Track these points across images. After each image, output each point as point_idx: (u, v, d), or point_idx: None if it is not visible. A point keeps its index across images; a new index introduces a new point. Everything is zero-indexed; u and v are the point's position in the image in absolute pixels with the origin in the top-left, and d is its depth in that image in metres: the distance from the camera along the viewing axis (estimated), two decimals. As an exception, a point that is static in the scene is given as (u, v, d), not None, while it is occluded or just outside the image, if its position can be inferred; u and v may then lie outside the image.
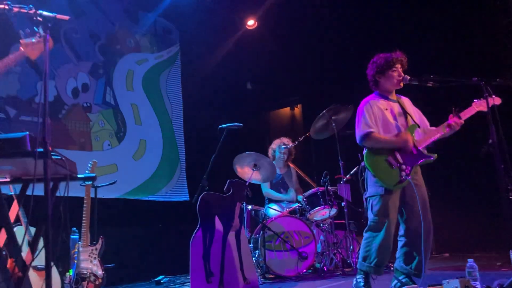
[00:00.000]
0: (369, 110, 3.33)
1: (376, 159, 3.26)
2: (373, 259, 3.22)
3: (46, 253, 2.09)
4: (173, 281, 5.13)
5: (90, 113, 5.85)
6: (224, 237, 4.34)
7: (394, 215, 3.23)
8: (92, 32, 6.10)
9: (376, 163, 3.26)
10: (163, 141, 6.66)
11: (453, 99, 4.91)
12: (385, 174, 3.21)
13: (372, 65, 3.46)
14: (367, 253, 3.26)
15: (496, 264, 4.35)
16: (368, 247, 3.26)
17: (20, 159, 2.08)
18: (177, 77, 7.14)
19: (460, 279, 2.62)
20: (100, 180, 4.51)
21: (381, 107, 3.36)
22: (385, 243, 3.21)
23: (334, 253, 5.08)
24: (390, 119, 3.34)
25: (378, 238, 3.22)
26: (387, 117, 3.34)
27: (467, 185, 5.81)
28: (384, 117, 3.33)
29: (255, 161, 5.01)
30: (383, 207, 3.21)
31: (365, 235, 3.32)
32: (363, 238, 3.33)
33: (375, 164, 3.26)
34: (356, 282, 3.29)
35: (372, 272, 3.25)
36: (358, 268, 3.33)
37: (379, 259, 3.21)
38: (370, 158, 3.30)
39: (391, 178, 3.20)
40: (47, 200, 2.05)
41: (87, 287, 3.87)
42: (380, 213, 3.22)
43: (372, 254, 3.23)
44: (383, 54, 3.42)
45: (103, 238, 4.12)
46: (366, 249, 3.27)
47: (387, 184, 3.20)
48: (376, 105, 3.36)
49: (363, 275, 3.27)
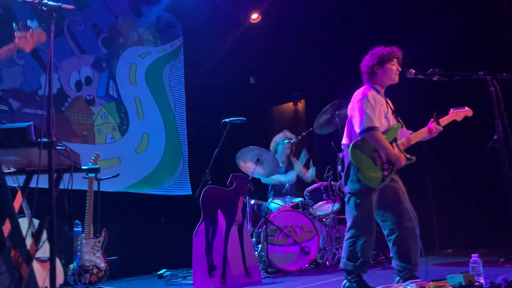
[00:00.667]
0: (372, 102, 3.25)
1: (361, 153, 3.20)
2: (358, 258, 3.18)
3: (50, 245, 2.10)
4: (175, 275, 5.13)
5: (93, 106, 5.85)
6: (227, 231, 4.34)
7: (374, 214, 3.22)
8: (96, 25, 6.08)
9: (360, 158, 3.19)
10: (165, 135, 6.65)
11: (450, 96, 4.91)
12: (369, 170, 3.17)
13: (371, 56, 3.39)
14: (351, 253, 3.21)
15: (499, 260, 4.33)
16: (352, 246, 3.21)
17: (25, 149, 2.08)
18: (180, 70, 7.12)
19: (464, 274, 2.61)
20: (103, 173, 4.51)
21: (379, 102, 3.31)
22: (370, 241, 3.20)
23: (337, 248, 5.08)
24: (383, 115, 3.31)
25: (363, 237, 3.18)
26: (381, 113, 3.31)
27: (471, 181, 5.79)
28: (380, 112, 3.29)
29: (258, 155, 5.01)
30: (367, 205, 3.19)
31: (347, 234, 3.26)
32: (346, 237, 3.27)
33: (360, 159, 3.19)
34: (350, 283, 3.21)
35: (358, 271, 3.21)
36: (343, 268, 3.26)
37: (364, 258, 3.19)
38: (355, 152, 3.21)
39: (374, 177, 3.16)
40: (51, 190, 2.05)
41: (89, 280, 3.88)
42: (364, 212, 3.19)
43: (357, 253, 3.18)
44: (382, 47, 3.39)
45: (106, 230, 4.13)
46: (350, 249, 3.21)
47: (372, 182, 3.16)
48: (377, 97, 3.31)
49: (354, 275, 3.21)
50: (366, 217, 3.19)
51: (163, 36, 6.97)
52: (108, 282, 4.12)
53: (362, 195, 3.20)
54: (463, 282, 2.58)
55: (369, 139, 3.21)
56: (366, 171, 3.16)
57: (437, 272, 3.22)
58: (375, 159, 3.19)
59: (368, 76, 3.40)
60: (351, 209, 3.26)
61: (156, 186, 6.32)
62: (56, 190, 2.25)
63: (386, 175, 3.17)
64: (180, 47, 7.18)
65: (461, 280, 2.59)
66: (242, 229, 4.45)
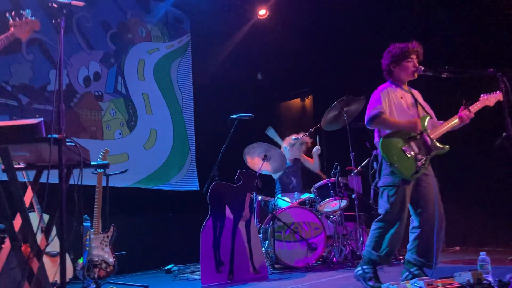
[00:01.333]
0: (385, 95, 3.30)
1: (392, 147, 3.23)
2: (383, 249, 3.20)
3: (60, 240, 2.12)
4: (182, 270, 5.16)
5: (102, 102, 5.88)
6: (234, 226, 4.36)
7: (407, 206, 3.22)
8: (104, 21, 6.10)
9: (392, 151, 3.22)
10: (173, 131, 6.67)
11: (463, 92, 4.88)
12: (401, 163, 3.18)
13: (387, 54, 3.43)
14: (377, 243, 3.24)
15: (507, 259, 4.31)
16: (379, 237, 3.23)
17: (35, 145, 2.10)
18: (188, 66, 7.13)
19: (472, 272, 2.60)
20: (112, 169, 4.53)
21: (398, 95, 3.35)
22: (399, 233, 3.21)
23: (344, 244, 5.08)
24: (405, 108, 3.34)
25: (392, 229, 3.20)
26: (403, 105, 3.33)
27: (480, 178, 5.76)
28: (401, 105, 3.32)
29: (266, 151, 5.01)
30: (399, 198, 3.19)
31: (377, 224, 3.28)
32: (373, 228, 3.30)
33: (391, 153, 3.22)
34: (363, 272, 3.24)
35: (381, 262, 3.23)
36: (366, 257, 3.28)
37: (390, 249, 3.20)
38: (385, 146, 3.25)
39: (407, 168, 3.18)
40: (61, 185, 2.06)
41: (98, 274, 3.91)
42: (396, 204, 3.20)
43: (383, 244, 3.21)
44: (399, 43, 3.39)
45: (114, 226, 4.15)
46: (377, 239, 3.24)
47: (404, 174, 3.17)
48: (393, 92, 3.35)
49: (371, 266, 3.23)
50: (399, 210, 3.20)
51: (171, 32, 6.98)
52: (116, 277, 4.15)
53: (395, 188, 3.21)
54: (471, 280, 2.57)
55: (376, 125, 3.27)
56: (398, 163, 3.18)
57: (445, 270, 3.22)
58: (406, 151, 3.21)
59: (387, 73, 3.47)
60: (384, 202, 3.27)
61: (164, 182, 6.34)
62: (66, 185, 2.27)
63: (419, 166, 3.19)
64: (188, 43, 7.18)
65: (469, 278, 2.58)
66: (249, 225, 4.47)
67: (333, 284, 3.78)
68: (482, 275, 2.63)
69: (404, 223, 3.22)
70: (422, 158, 3.21)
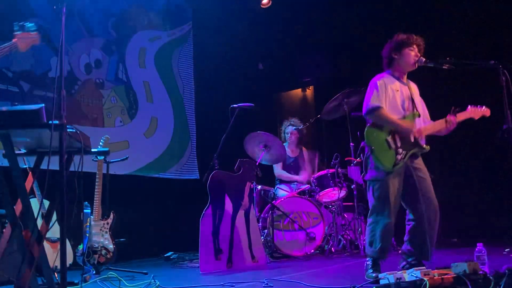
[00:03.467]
0: (382, 86, 3.29)
1: (377, 136, 3.25)
2: (377, 244, 3.24)
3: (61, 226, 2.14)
4: (182, 258, 5.20)
5: (103, 89, 5.87)
6: (234, 215, 4.38)
7: (395, 199, 3.22)
8: (106, 8, 6.07)
9: (377, 140, 3.24)
10: (174, 119, 6.67)
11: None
12: (383, 153, 3.21)
13: (390, 42, 3.42)
14: (372, 238, 3.27)
15: (504, 250, 4.34)
16: (373, 232, 3.27)
17: (36, 130, 2.11)
18: (189, 55, 7.11)
19: (469, 262, 2.62)
20: (112, 156, 4.55)
21: (393, 88, 3.33)
22: (388, 228, 3.22)
23: (342, 234, 5.11)
24: (398, 102, 3.32)
25: (380, 223, 3.23)
26: (396, 99, 3.32)
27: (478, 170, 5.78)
28: (394, 99, 3.31)
29: (266, 141, 5.02)
30: (384, 191, 3.21)
31: (369, 220, 3.32)
32: (368, 223, 3.34)
33: (376, 142, 3.24)
34: (366, 265, 3.31)
35: (377, 257, 3.27)
36: (367, 254, 3.34)
37: (382, 244, 3.23)
38: (371, 135, 3.28)
39: (388, 159, 3.20)
40: (62, 172, 2.08)
41: (98, 260, 3.95)
42: (381, 198, 3.22)
43: (376, 239, 3.24)
44: (401, 33, 3.39)
45: (114, 213, 4.18)
46: (371, 234, 3.28)
47: (385, 165, 3.19)
48: (389, 84, 3.33)
49: (371, 261, 3.28)
50: (383, 203, 3.21)
51: (173, 20, 6.94)
52: (116, 263, 4.19)
53: (379, 181, 3.23)
54: (467, 271, 2.58)
55: (374, 118, 3.27)
56: (379, 153, 3.21)
57: (442, 260, 3.24)
58: (389, 143, 3.22)
59: (387, 61, 3.43)
60: (370, 196, 3.30)
61: (164, 170, 6.36)
62: (67, 172, 2.29)
63: (399, 159, 3.20)
64: (189, 31, 7.16)
65: (465, 269, 2.59)
66: (248, 214, 4.50)
67: (331, 274, 3.81)
68: (478, 266, 2.65)
69: (392, 217, 3.22)
70: (402, 152, 3.22)
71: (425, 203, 3.22)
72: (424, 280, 2.48)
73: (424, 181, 3.28)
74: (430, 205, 3.22)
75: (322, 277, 3.60)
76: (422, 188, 3.25)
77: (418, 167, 3.30)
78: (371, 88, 3.32)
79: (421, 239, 3.22)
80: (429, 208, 3.21)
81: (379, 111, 3.24)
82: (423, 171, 3.31)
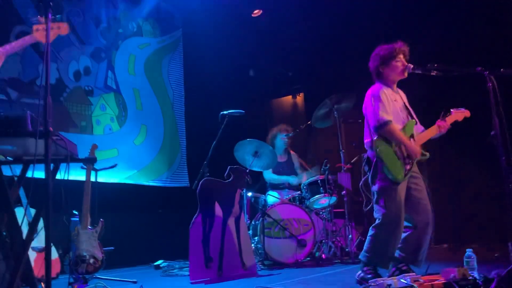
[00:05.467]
0: (384, 98, 3.27)
1: (386, 148, 3.22)
2: (385, 253, 3.20)
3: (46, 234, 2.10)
4: (172, 266, 5.15)
5: (92, 96, 5.84)
6: (224, 223, 4.35)
7: (403, 208, 3.21)
8: (95, 15, 6.06)
9: (386, 151, 3.21)
10: (164, 127, 6.65)
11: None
12: (394, 164, 3.19)
13: (375, 56, 3.41)
14: (376, 247, 3.21)
15: (494, 255, 4.36)
16: (378, 242, 3.21)
17: (21, 138, 2.08)
18: (179, 62, 7.10)
19: (458, 268, 2.63)
20: (101, 164, 4.52)
21: (392, 98, 3.34)
22: (397, 236, 3.20)
23: (333, 241, 5.10)
24: (399, 112, 3.35)
25: (391, 232, 3.18)
26: (397, 109, 3.34)
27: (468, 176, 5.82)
28: (395, 109, 3.33)
29: (256, 148, 5.01)
30: (395, 201, 3.18)
31: (375, 229, 3.25)
32: (372, 232, 3.26)
33: (386, 153, 3.21)
34: (364, 275, 3.20)
35: (381, 266, 3.23)
36: (364, 261, 3.25)
37: (391, 253, 3.21)
38: (382, 145, 3.23)
39: (399, 170, 3.19)
40: (47, 180, 2.05)
41: (86, 269, 3.89)
42: (392, 208, 3.18)
43: (383, 248, 3.19)
44: (385, 45, 3.39)
45: (103, 221, 4.13)
46: (376, 244, 3.22)
47: (397, 177, 3.17)
48: (389, 95, 3.33)
49: (371, 268, 3.22)
50: (395, 213, 3.18)
51: (163, 27, 6.94)
52: (104, 272, 4.14)
53: (391, 191, 3.20)
54: (456, 276, 2.59)
55: (385, 134, 3.24)
56: (391, 165, 3.19)
57: (432, 266, 3.25)
58: (397, 153, 3.23)
59: (376, 75, 3.44)
60: (380, 207, 3.24)
61: (153, 178, 6.32)
62: (53, 180, 2.26)
63: (408, 169, 3.22)
64: (179, 38, 7.15)
65: (455, 274, 2.60)
66: (239, 222, 4.46)
67: (322, 281, 3.79)
68: (468, 271, 2.66)
69: (402, 225, 3.20)
70: (409, 162, 3.24)
71: (423, 211, 3.23)
72: (414, 287, 2.48)
73: (422, 189, 3.30)
74: (428, 213, 3.24)
75: (313, 284, 3.58)
76: (421, 197, 3.27)
77: (416, 175, 3.32)
78: (376, 100, 3.27)
79: (417, 246, 3.22)
80: (426, 216, 3.23)
81: (389, 126, 3.21)
82: (420, 179, 3.33)
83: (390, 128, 3.21)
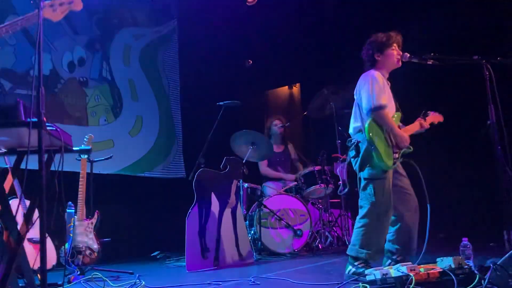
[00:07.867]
0: (379, 82, 3.20)
1: (378, 132, 3.12)
2: (373, 246, 3.14)
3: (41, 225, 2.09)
4: (168, 257, 5.15)
5: (86, 87, 5.79)
6: (220, 213, 4.36)
7: (391, 198, 3.16)
8: (89, 5, 5.98)
9: (378, 135, 3.11)
10: (159, 118, 6.61)
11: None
12: (385, 150, 3.11)
13: (370, 44, 3.35)
14: (364, 240, 3.13)
15: (489, 244, 4.38)
16: (366, 234, 3.13)
17: (14, 129, 2.05)
18: (175, 52, 7.05)
19: (454, 257, 2.63)
20: (97, 156, 4.50)
21: (387, 85, 3.30)
22: (385, 227, 3.17)
23: (329, 231, 5.12)
24: (392, 100, 3.31)
25: (379, 223, 3.13)
26: (391, 97, 3.30)
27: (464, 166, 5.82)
28: (389, 95, 3.28)
29: (253, 139, 5.00)
30: (384, 190, 3.12)
31: (362, 221, 3.17)
32: (359, 225, 3.18)
33: (378, 137, 3.11)
34: (356, 270, 3.11)
35: (370, 259, 3.15)
36: (354, 256, 3.15)
37: (379, 245, 3.17)
38: (374, 129, 3.11)
39: (389, 156, 3.12)
40: (41, 171, 2.03)
41: (82, 261, 3.89)
42: (384, 197, 3.12)
43: (373, 241, 3.14)
44: (379, 33, 3.36)
45: (98, 212, 4.13)
46: (364, 236, 3.13)
47: (387, 163, 3.09)
48: (385, 80, 3.28)
49: (362, 262, 3.13)
50: (385, 203, 3.12)
51: (158, 17, 6.87)
52: (101, 264, 4.13)
53: (381, 180, 3.12)
54: (452, 265, 2.59)
55: (377, 118, 3.14)
56: (382, 149, 3.08)
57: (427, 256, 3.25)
58: (387, 140, 3.15)
59: (370, 64, 3.35)
60: (369, 195, 3.14)
61: (149, 169, 6.30)
62: (47, 171, 2.23)
63: (396, 158, 3.17)
64: (175, 29, 7.09)
65: (450, 263, 2.61)
66: (235, 212, 4.47)
67: (318, 270, 3.81)
68: (464, 261, 2.67)
69: (390, 216, 3.16)
70: (397, 151, 3.18)
71: (408, 201, 3.22)
72: (410, 276, 2.49)
73: (405, 179, 3.27)
74: (412, 202, 3.23)
75: (310, 274, 3.59)
76: (403, 185, 3.24)
77: (402, 173, 3.29)
78: (374, 82, 3.18)
79: (408, 236, 3.21)
80: (412, 205, 3.22)
81: (384, 110, 3.14)
82: (402, 169, 3.30)
83: (384, 112, 3.14)
